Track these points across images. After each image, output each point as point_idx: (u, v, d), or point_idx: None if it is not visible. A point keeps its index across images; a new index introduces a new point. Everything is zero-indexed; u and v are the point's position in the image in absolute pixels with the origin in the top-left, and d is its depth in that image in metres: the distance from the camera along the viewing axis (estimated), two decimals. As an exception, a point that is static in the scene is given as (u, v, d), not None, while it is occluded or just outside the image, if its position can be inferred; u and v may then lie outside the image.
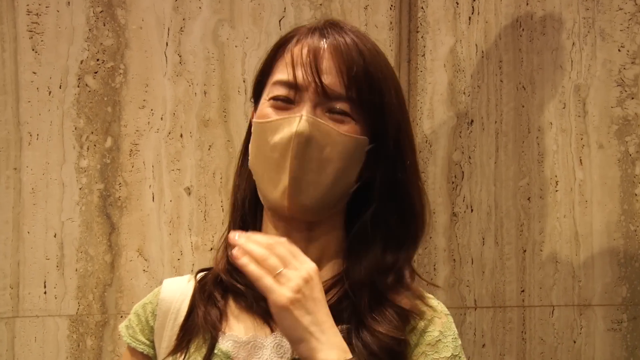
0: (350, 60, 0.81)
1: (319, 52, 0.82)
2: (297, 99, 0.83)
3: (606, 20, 1.64)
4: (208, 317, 0.84)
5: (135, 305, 0.95)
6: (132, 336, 0.92)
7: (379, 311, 0.82)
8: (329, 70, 0.81)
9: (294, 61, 0.82)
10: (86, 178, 1.49)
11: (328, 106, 0.82)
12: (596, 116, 1.64)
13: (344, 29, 0.84)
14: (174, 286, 0.92)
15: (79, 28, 1.49)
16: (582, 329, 1.64)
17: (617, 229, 1.64)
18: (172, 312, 0.89)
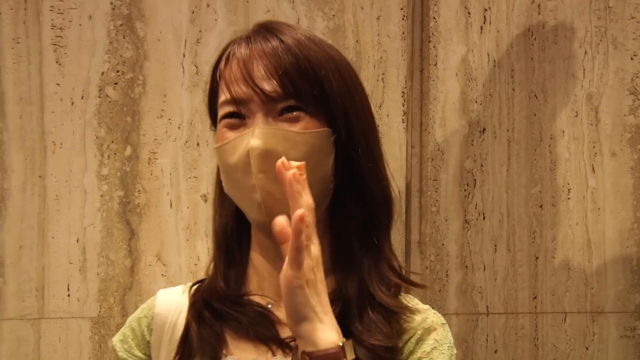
0: (276, 59, 0.78)
1: (249, 62, 0.78)
2: (246, 112, 0.78)
3: (618, 29, 1.62)
4: (203, 338, 0.81)
5: (130, 319, 0.90)
6: (128, 351, 0.88)
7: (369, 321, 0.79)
8: (262, 76, 0.77)
9: (229, 79, 0.79)
10: (107, 185, 1.50)
11: (277, 109, 0.78)
12: (609, 124, 1.63)
13: (272, 31, 0.81)
14: (168, 299, 0.88)
15: (100, 41, 1.50)
16: (594, 335, 1.63)
17: (629, 237, 1.63)
18: (168, 326, 0.86)
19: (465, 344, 1.61)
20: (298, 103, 0.77)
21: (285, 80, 0.76)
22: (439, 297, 1.59)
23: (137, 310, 0.90)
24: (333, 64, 0.80)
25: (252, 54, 0.78)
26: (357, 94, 0.82)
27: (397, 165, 1.61)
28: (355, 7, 1.58)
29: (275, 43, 0.78)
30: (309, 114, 0.78)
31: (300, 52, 0.78)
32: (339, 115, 0.79)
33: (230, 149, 0.78)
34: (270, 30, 0.80)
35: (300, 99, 0.77)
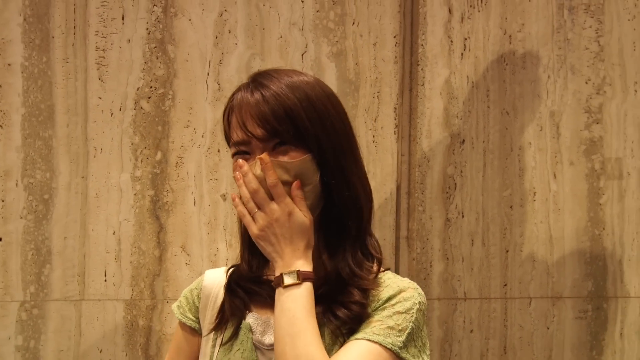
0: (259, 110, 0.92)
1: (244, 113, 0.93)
2: (249, 150, 0.94)
3: (575, 57, 1.67)
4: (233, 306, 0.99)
5: (184, 290, 1.10)
6: (183, 314, 1.07)
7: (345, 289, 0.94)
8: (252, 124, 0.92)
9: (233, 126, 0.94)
10: (140, 185, 1.57)
11: (271, 146, 0.93)
12: (568, 137, 1.67)
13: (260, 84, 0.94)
14: (213, 276, 1.07)
15: (137, 61, 1.57)
16: (554, 317, 1.67)
17: (584, 234, 1.68)
18: (212, 296, 1.04)
19: (445, 324, 1.66)
20: (282, 139, 0.93)
21: (267, 126, 0.92)
22: (424, 284, 1.65)
23: (190, 284, 1.10)
24: (307, 102, 0.94)
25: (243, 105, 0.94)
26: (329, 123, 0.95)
27: (389, 171, 1.65)
28: (355, 35, 1.65)
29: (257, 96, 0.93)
30: (294, 146, 0.93)
31: (277, 102, 0.92)
32: (312, 145, 0.93)
33: None
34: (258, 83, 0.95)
35: (282, 137, 0.92)
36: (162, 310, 1.59)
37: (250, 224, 0.93)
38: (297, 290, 0.90)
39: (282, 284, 0.91)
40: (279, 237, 0.91)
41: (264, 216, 0.91)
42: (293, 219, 0.92)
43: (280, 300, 0.91)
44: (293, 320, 0.89)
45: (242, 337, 0.97)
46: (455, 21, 1.68)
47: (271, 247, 0.92)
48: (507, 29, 1.69)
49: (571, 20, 1.68)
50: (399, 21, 1.67)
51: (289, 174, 0.92)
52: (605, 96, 1.68)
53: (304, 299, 0.90)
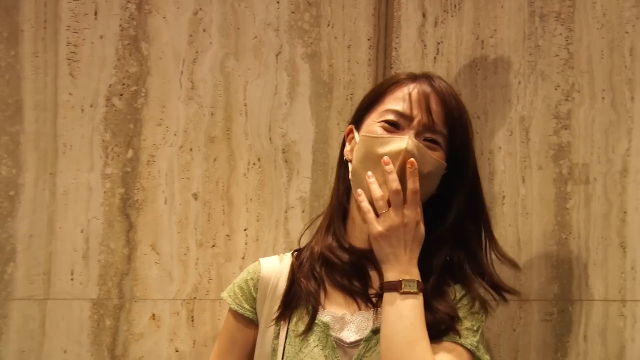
0: (450, 104, 0.98)
1: (428, 94, 0.98)
2: (403, 126, 0.98)
3: (545, 64, 1.65)
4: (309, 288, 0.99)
5: (236, 281, 1.10)
6: (239, 304, 1.08)
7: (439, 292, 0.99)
8: (429, 109, 0.97)
9: (409, 98, 0.98)
10: (110, 183, 1.54)
11: (425, 135, 0.99)
12: (537, 142, 1.66)
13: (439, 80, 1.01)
14: (270, 265, 1.08)
15: (109, 57, 1.55)
16: (521, 319, 1.65)
17: (551, 237, 1.65)
18: (271, 286, 1.04)
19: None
20: (442, 139, 0.98)
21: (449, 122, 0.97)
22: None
23: (242, 275, 1.09)
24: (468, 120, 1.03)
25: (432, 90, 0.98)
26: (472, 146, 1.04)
27: (361, 172, 1.68)
28: (330, 37, 1.65)
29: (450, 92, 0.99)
30: (442, 148, 1.00)
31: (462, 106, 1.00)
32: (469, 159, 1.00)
33: (383, 142, 0.97)
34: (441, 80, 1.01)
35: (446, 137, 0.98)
36: (130, 309, 1.57)
37: (373, 221, 0.94)
38: (415, 299, 0.92)
39: (400, 289, 0.92)
40: (401, 242, 0.93)
41: (394, 217, 0.92)
42: (419, 229, 0.95)
43: (396, 305, 0.91)
44: (412, 328, 0.90)
45: (319, 333, 0.97)
46: (429, 25, 1.69)
47: (390, 249, 0.93)
48: (479, 34, 1.70)
49: (542, 27, 1.69)
50: (374, 24, 1.67)
51: (425, 167, 0.95)
52: (574, 102, 1.68)
53: (420, 309, 0.92)
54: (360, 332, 0.98)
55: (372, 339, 0.96)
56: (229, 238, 1.55)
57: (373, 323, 0.97)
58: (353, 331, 0.98)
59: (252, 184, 1.58)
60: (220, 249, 1.56)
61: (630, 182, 1.67)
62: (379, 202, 0.95)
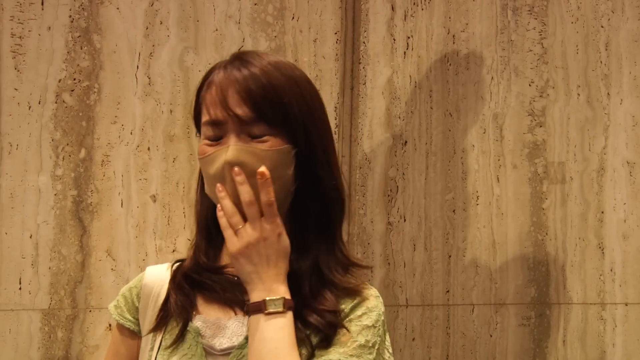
0: (247, 88, 0.87)
1: (225, 89, 0.87)
2: (223, 133, 0.88)
3: (519, 59, 1.68)
4: (179, 303, 0.94)
5: (123, 289, 1.03)
6: (121, 315, 1.00)
7: (317, 294, 0.91)
8: (235, 102, 0.86)
9: (215, 99, 0.88)
10: (61, 185, 1.50)
11: (248, 132, 0.88)
12: (511, 140, 1.67)
13: (247, 61, 0.89)
14: (155, 273, 1.01)
15: (58, 50, 1.50)
16: (497, 324, 1.67)
17: (527, 238, 1.67)
18: (153, 295, 0.98)
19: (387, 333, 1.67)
20: (265, 125, 0.88)
21: (254, 106, 0.86)
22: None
23: (129, 282, 1.03)
24: (297, 87, 0.90)
25: (227, 82, 0.88)
26: (316, 111, 0.93)
27: (330, 172, 1.66)
28: (295, 30, 1.63)
29: (246, 72, 0.88)
30: (274, 135, 0.89)
31: (267, 81, 0.88)
32: (299, 133, 0.89)
33: (209, 160, 0.90)
34: (244, 61, 0.90)
35: (267, 122, 0.88)
36: (85, 320, 1.52)
37: (231, 237, 0.88)
38: (281, 319, 0.86)
39: (265, 309, 0.86)
40: (263, 258, 0.87)
41: (252, 233, 0.87)
42: (282, 241, 0.89)
43: (260, 328, 0.86)
44: (276, 352, 0.85)
45: (190, 341, 0.92)
46: (398, 19, 1.67)
47: (252, 267, 0.87)
48: (450, 28, 1.69)
49: (515, 21, 1.69)
50: (341, 17, 1.65)
51: (263, 164, 0.87)
52: (549, 99, 1.69)
53: (288, 329, 0.86)
54: (234, 338, 0.92)
55: (245, 347, 0.91)
56: (190, 242, 1.46)
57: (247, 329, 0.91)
58: (227, 337, 0.92)
59: (214, 185, 1.52)
60: (181, 254, 1.51)
61: (607, 181, 1.69)
62: (233, 218, 0.88)
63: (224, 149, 0.87)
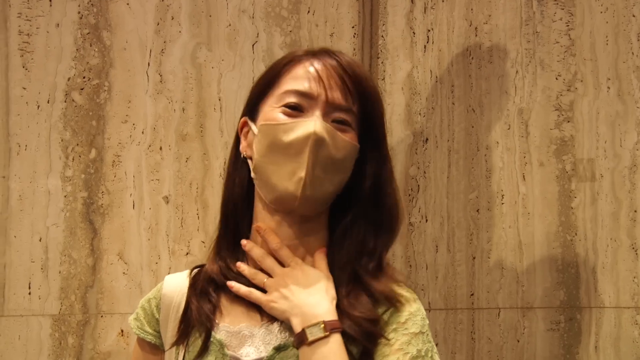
0: (359, 77, 0.89)
1: (326, 69, 0.89)
2: (307, 107, 0.88)
3: (545, 51, 1.62)
4: (201, 311, 0.90)
5: (141, 300, 1.00)
6: (141, 328, 0.97)
7: (354, 296, 0.88)
8: (335, 85, 0.88)
9: (307, 75, 0.88)
10: (71, 186, 1.48)
11: (333, 116, 0.89)
12: (537, 137, 1.62)
13: (341, 53, 0.92)
14: (174, 282, 0.97)
15: (67, 48, 1.48)
16: (524, 329, 1.62)
17: (555, 239, 1.62)
18: (173, 305, 0.94)
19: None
20: (351, 117, 0.89)
21: (353, 96, 0.88)
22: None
23: (148, 293, 1.00)
24: (378, 95, 0.93)
25: (326, 66, 0.89)
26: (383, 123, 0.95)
27: (348, 172, 1.62)
28: (311, 24, 1.59)
29: (350, 64, 0.89)
30: (353, 128, 0.90)
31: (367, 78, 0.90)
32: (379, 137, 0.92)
33: (287, 128, 0.87)
34: (342, 54, 0.91)
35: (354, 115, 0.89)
36: (96, 325, 1.49)
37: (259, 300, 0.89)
38: (327, 345, 0.81)
39: (306, 340, 0.82)
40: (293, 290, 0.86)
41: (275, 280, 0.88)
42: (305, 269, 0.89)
43: None
44: None
45: (215, 353, 0.88)
46: (417, 11, 1.63)
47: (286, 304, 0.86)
48: (472, 20, 1.64)
49: (540, 12, 1.64)
50: (358, 10, 1.61)
51: (340, 153, 0.88)
52: (577, 93, 1.63)
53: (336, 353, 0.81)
54: (262, 347, 0.88)
55: (274, 357, 0.87)
56: (204, 245, 1.50)
57: (277, 337, 0.88)
58: (255, 346, 0.88)
59: (228, 186, 1.49)
60: (195, 256, 1.50)
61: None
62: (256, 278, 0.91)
63: (310, 121, 0.86)
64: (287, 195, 0.88)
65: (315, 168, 0.87)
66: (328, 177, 0.88)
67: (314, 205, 0.90)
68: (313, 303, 0.84)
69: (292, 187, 0.87)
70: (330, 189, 0.90)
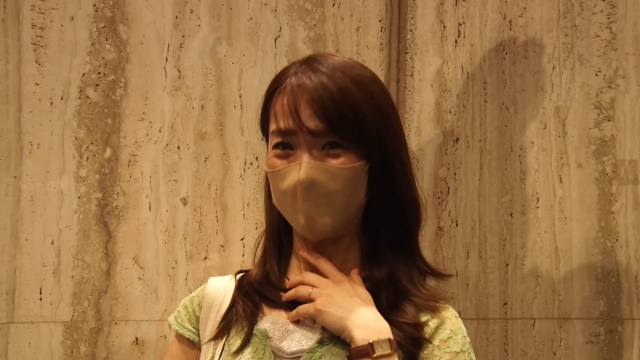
0: (321, 100, 0.86)
1: (297, 99, 0.87)
2: (293, 143, 0.89)
3: (584, 46, 1.59)
4: (247, 309, 0.95)
5: (184, 299, 1.05)
6: (180, 324, 1.01)
7: (396, 306, 0.90)
8: (308, 114, 0.86)
9: (280, 112, 0.89)
10: (85, 187, 1.45)
11: (321, 144, 0.88)
12: (575, 136, 1.60)
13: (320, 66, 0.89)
14: (218, 283, 1.02)
15: (82, 42, 1.45)
16: (561, 341, 1.59)
17: (594, 245, 1.59)
18: (215, 304, 0.99)
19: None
20: (339, 138, 0.87)
21: (327, 119, 0.86)
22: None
23: (191, 293, 1.06)
24: (371, 99, 0.88)
25: (298, 91, 0.87)
26: (391, 123, 0.92)
27: (374, 173, 1.59)
28: (336, 18, 1.55)
29: (317, 81, 0.86)
30: (347, 149, 0.88)
31: (340, 94, 0.86)
32: (374, 148, 0.89)
33: (280, 176, 0.90)
34: (317, 69, 0.88)
35: (341, 136, 0.87)
36: (110, 333, 1.45)
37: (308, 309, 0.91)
38: None
39: (373, 354, 0.84)
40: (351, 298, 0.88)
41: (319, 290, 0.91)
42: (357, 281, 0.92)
43: None
44: None
45: (257, 344, 0.92)
46: (448, 4, 1.60)
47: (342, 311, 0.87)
48: (507, 13, 1.60)
49: (579, 3, 1.60)
50: (385, 3, 1.58)
51: (337, 182, 0.88)
52: (618, 90, 1.59)
53: None
54: (304, 341, 0.91)
55: (316, 351, 0.90)
56: (223, 249, 1.49)
57: (320, 333, 0.91)
58: (296, 341, 0.92)
59: (250, 187, 1.50)
60: (213, 261, 1.49)
61: (685, 180, 1.59)
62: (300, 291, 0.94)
63: (295, 166, 0.88)
64: (302, 232, 0.93)
65: (313, 210, 0.88)
66: (333, 209, 0.89)
67: (332, 233, 0.92)
68: (374, 318, 0.86)
69: (300, 229, 0.92)
70: (342, 215, 0.91)
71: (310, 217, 0.88)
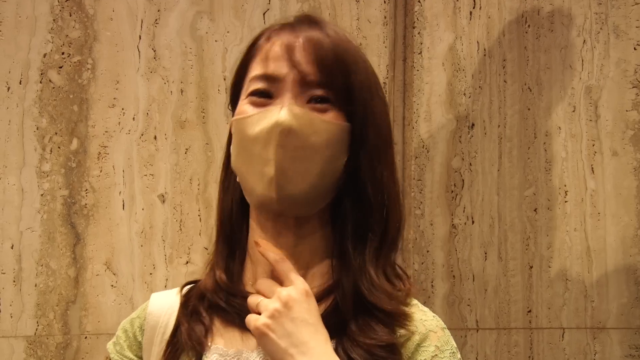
0: (322, 49, 0.86)
1: (292, 45, 0.86)
2: (275, 92, 0.85)
3: (620, 15, 1.60)
4: (192, 334, 0.88)
5: (123, 321, 0.97)
6: (120, 352, 0.94)
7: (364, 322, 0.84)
8: (303, 61, 0.85)
9: (268, 55, 0.86)
10: (48, 183, 1.44)
11: (308, 95, 0.85)
12: (609, 120, 1.60)
13: (315, 23, 0.89)
14: (162, 300, 0.95)
15: (42, 18, 1.44)
16: (596, 354, 1.59)
17: (633, 244, 1.58)
18: (160, 326, 0.92)
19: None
20: (328, 94, 0.84)
21: (326, 70, 0.84)
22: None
23: (132, 313, 0.99)
24: (363, 63, 0.88)
25: (296, 38, 0.85)
26: (377, 96, 0.90)
27: (378, 164, 1.57)
28: None
29: (318, 34, 0.86)
30: (335, 107, 0.85)
31: (339, 47, 0.86)
32: (359, 112, 0.86)
33: (253, 121, 0.85)
34: (314, 22, 0.88)
35: (332, 89, 0.84)
36: (79, 349, 1.44)
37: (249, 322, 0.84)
38: None
39: None
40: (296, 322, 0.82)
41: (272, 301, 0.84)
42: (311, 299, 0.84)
43: None
44: None
45: None
46: None
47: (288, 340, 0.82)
48: None
49: None
50: None
51: (320, 137, 0.84)
52: None
53: None
54: None
55: None
56: (207, 251, 1.47)
57: None
58: None
59: (236, 182, 1.47)
60: (196, 266, 1.48)
61: None
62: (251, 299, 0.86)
63: (276, 108, 0.84)
64: (265, 198, 0.85)
65: (287, 163, 0.83)
66: (309, 169, 0.84)
67: (301, 204, 0.86)
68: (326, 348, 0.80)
69: (266, 188, 0.84)
70: (317, 182, 0.85)
71: (282, 170, 0.82)
